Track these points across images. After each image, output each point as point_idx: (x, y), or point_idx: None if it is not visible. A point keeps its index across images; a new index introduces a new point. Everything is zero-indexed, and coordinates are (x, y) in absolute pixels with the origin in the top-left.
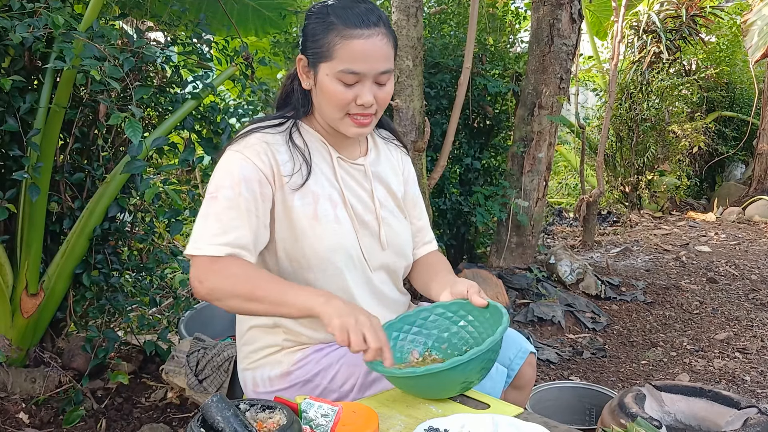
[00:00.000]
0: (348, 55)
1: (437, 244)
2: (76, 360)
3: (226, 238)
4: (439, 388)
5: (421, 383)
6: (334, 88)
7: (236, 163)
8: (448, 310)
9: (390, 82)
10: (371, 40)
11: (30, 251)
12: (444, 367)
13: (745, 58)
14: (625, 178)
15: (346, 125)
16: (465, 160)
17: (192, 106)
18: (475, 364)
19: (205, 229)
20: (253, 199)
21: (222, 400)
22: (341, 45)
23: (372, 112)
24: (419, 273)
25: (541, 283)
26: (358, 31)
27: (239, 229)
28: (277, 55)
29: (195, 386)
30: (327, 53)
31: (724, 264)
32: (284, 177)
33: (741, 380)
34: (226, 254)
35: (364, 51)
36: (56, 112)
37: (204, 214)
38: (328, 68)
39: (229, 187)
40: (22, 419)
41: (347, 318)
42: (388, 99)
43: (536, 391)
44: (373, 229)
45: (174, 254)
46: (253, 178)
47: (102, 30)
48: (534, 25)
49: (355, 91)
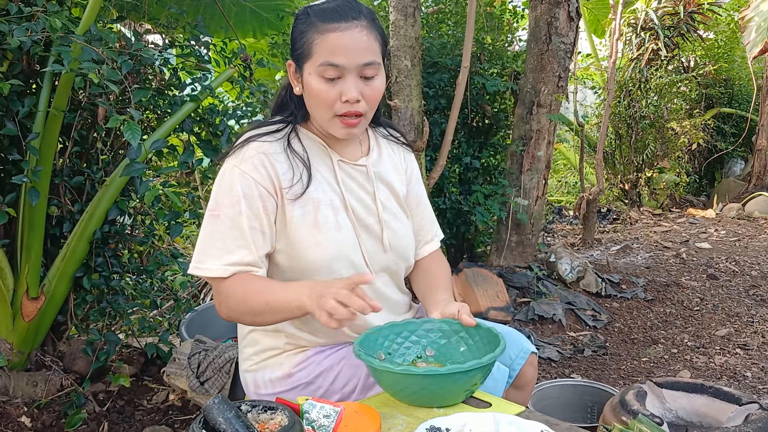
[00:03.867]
0: (325, 48)
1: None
2: (77, 363)
3: (231, 258)
4: (435, 395)
5: (416, 384)
6: (318, 86)
7: (235, 180)
8: (442, 324)
9: (378, 78)
10: (349, 32)
11: (30, 255)
12: (444, 371)
13: (743, 54)
14: (625, 175)
15: (334, 127)
16: (464, 160)
17: (191, 109)
18: (472, 376)
19: (209, 249)
20: (255, 216)
21: (224, 402)
22: (319, 40)
23: (360, 110)
24: (418, 279)
25: (542, 282)
26: (334, 24)
27: (243, 248)
28: (275, 57)
29: (196, 388)
30: (308, 51)
31: (725, 260)
32: (284, 188)
33: (742, 376)
34: (230, 274)
35: (341, 43)
36: (55, 116)
37: (207, 232)
38: (310, 66)
39: (230, 205)
40: (24, 423)
41: (320, 300)
42: (377, 96)
43: (538, 389)
44: (376, 233)
45: (174, 256)
46: (253, 195)
47: (100, 33)
48: (532, 23)
49: (338, 88)
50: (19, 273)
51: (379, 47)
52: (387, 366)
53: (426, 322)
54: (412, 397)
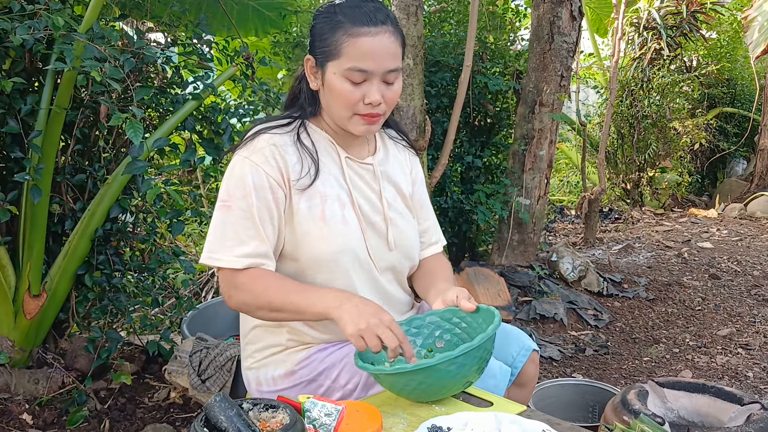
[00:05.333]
0: (356, 52)
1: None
2: (79, 361)
3: (245, 250)
4: (435, 387)
5: (412, 380)
6: (342, 87)
7: (247, 171)
8: (441, 318)
9: (398, 82)
10: (379, 37)
11: (32, 252)
12: (433, 362)
13: (746, 54)
14: (627, 175)
15: (354, 124)
16: (466, 159)
17: (192, 107)
18: (466, 360)
19: (223, 240)
20: (266, 208)
21: (225, 400)
22: (349, 43)
23: (380, 111)
24: (420, 278)
25: (543, 281)
26: (365, 28)
27: (255, 239)
28: (277, 55)
29: (198, 386)
30: (335, 52)
31: (726, 260)
32: (292, 180)
33: (744, 376)
34: (245, 266)
35: (371, 49)
36: (57, 114)
37: (218, 223)
38: (336, 67)
39: (242, 197)
40: (25, 420)
41: (360, 324)
42: (396, 98)
43: (539, 388)
44: (381, 230)
45: (176, 254)
46: (264, 186)
47: (102, 31)
48: (534, 22)
49: (362, 90)
50: (21, 270)
51: (401, 52)
52: (381, 369)
53: (429, 315)
54: (414, 393)
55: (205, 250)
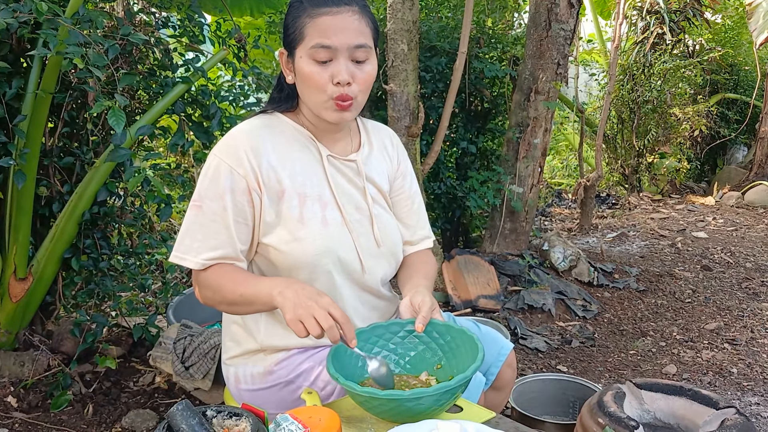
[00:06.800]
0: (316, 31)
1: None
2: (65, 344)
3: (211, 253)
4: (405, 415)
5: (383, 405)
6: (310, 69)
7: (221, 174)
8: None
9: (369, 63)
10: (340, 15)
11: (18, 236)
12: (407, 395)
13: (750, 39)
14: (626, 160)
15: (328, 111)
16: (461, 144)
17: (181, 91)
18: (443, 397)
19: (191, 241)
20: (239, 210)
21: (187, 408)
22: (310, 23)
23: (352, 93)
24: (402, 269)
25: (534, 270)
26: (325, 8)
27: (223, 242)
28: (273, 34)
29: (182, 373)
30: (299, 35)
31: (720, 251)
32: (269, 183)
33: (728, 372)
34: (208, 267)
35: (333, 25)
36: (43, 98)
37: (188, 223)
38: (302, 50)
39: (214, 199)
40: (10, 403)
41: (297, 309)
42: (369, 81)
43: (519, 383)
44: (366, 229)
45: (164, 239)
46: (237, 189)
47: (89, 15)
48: (532, 9)
49: (330, 70)
50: (7, 253)
51: (371, 33)
52: (352, 386)
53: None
54: (383, 415)
55: (174, 249)
